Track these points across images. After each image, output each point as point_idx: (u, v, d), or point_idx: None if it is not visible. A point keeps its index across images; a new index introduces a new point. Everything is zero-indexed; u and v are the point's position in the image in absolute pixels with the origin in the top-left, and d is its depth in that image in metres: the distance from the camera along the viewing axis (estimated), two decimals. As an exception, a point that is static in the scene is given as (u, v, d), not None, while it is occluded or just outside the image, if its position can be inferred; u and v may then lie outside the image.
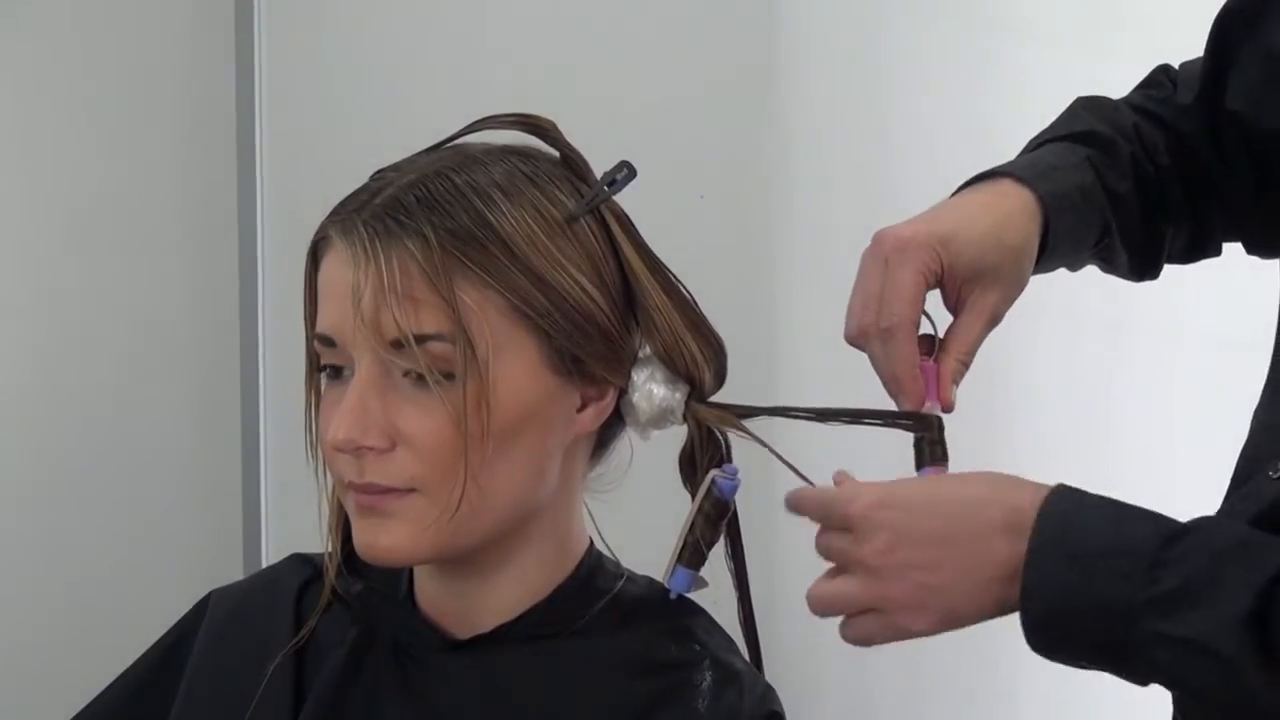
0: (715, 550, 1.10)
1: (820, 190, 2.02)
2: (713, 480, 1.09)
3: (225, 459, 2.15)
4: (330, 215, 1.05)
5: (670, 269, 1.09)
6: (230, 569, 2.08)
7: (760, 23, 2.00)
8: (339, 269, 1.02)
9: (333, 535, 1.13)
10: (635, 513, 1.16)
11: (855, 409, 1.09)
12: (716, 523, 1.09)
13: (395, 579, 1.13)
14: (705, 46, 2.00)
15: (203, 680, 1.14)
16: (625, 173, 1.07)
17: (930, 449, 1.09)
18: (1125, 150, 1.22)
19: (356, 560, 1.11)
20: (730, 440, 1.11)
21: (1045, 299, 1.24)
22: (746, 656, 1.13)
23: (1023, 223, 1.14)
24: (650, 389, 1.08)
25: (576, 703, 1.06)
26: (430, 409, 1.01)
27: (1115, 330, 2.05)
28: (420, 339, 1.00)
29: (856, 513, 1.00)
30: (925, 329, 1.12)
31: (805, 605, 1.02)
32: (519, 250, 1.02)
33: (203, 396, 2.15)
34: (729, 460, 1.11)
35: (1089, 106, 1.26)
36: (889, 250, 1.10)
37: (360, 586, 1.12)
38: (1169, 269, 1.28)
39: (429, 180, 1.03)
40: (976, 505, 0.99)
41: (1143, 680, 0.96)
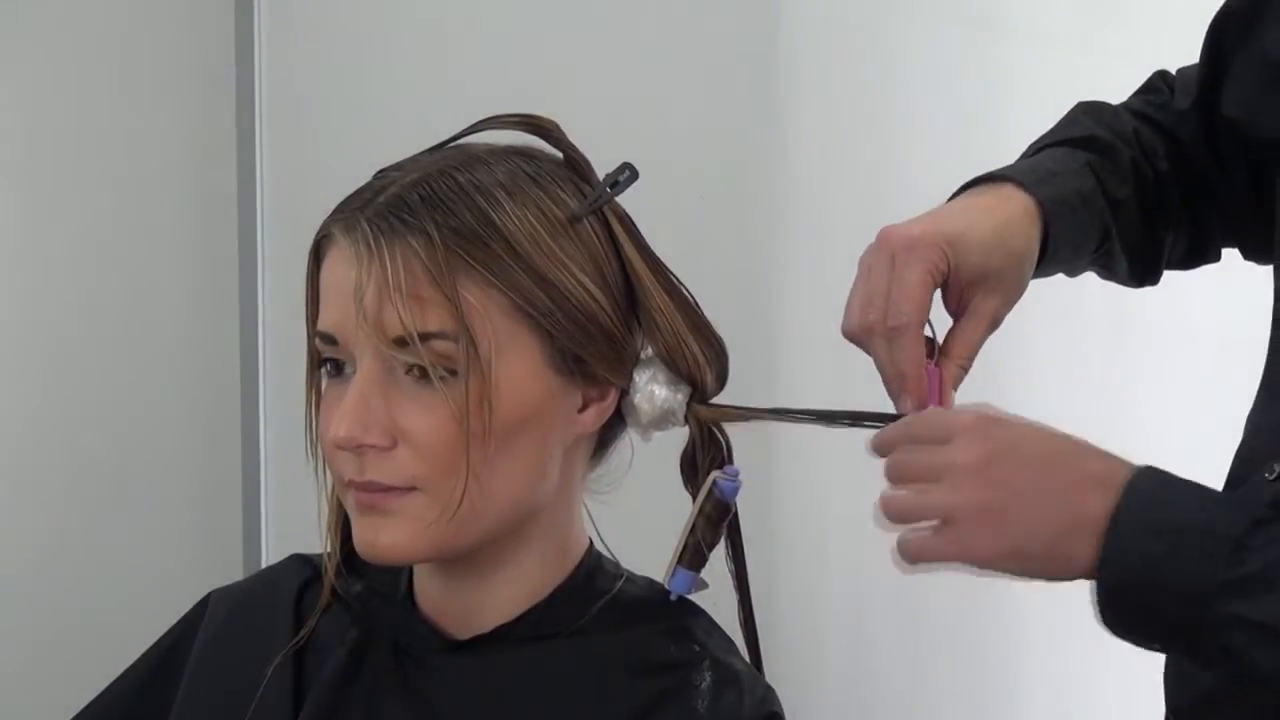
0: (715, 551, 1.10)
1: (820, 190, 2.02)
2: (714, 482, 1.09)
3: (225, 459, 2.15)
4: (333, 213, 1.05)
5: (671, 270, 1.10)
6: (230, 569, 2.08)
7: (760, 22, 2.00)
8: (342, 266, 1.02)
9: (332, 535, 1.13)
10: (635, 514, 1.16)
11: (855, 411, 1.09)
12: (717, 524, 1.09)
13: (395, 579, 1.13)
14: (705, 47, 2.00)
15: (202, 681, 1.13)
16: (628, 174, 1.07)
17: None
18: (1125, 155, 1.22)
19: (356, 560, 1.11)
20: (731, 442, 1.11)
21: (1045, 299, 1.24)
22: (746, 658, 1.13)
23: (1024, 227, 1.14)
24: (652, 390, 1.08)
25: (576, 703, 1.06)
26: (432, 407, 1.01)
27: (1114, 331, 2.05)
28: (423, 337, 1.00)
29: (968, 422, 0.99)
30: (925, 332, 1.12)
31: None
32: (522, 250, 1.02)
33: (203, 396, 2.15)
34: (730, 462, 1.11)
35: (1089, 111, 1.25)
36: (896, 248, 1.09)
37: (360, 586, 1.12)
38: (1168, 271, 1.28)
39: (433, 179, 1.03)
40: (1080, 454, 0.99)
41: (1209, 664, 0.95)
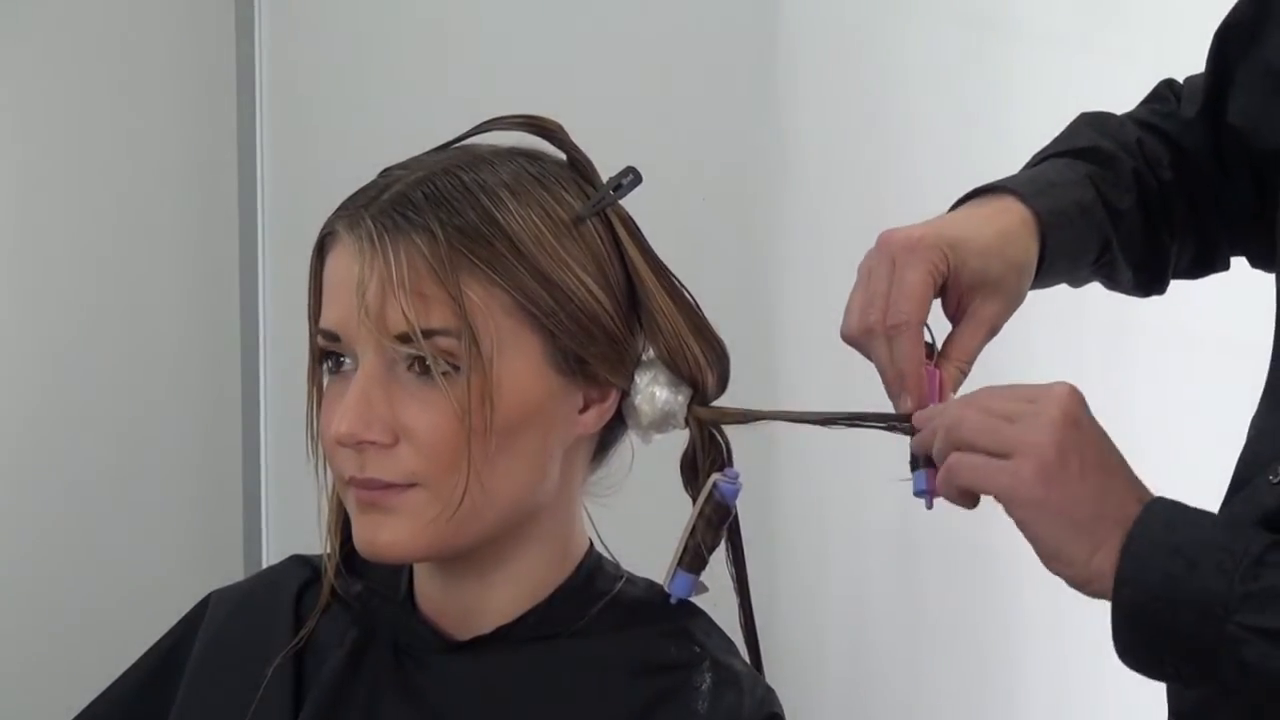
0: (716, 553, 1.10)
1: (820, 191, 2.02)
2: (714, 484, 1.09)
3: (225, 459, 2.15)
4: (337, 210, 1.05)
5: (673, 272, 1.10)
6: (230, 569, 2.08)
7: (760, 23, 2.00)
8: (345, 262, 1.03)
9: (331, 535, 1.13)
10: (636, 516, 1.16)
11: (854, 413, 1.09)
12: (718, 527, 1.09)
13: (395, 580, 1.13)
14: (705, 47, 2.00)
15: (202, 681, 1.13)
16: (631, 178, 1.07)
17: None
18: (1127, 165, 1.22)
19: (356, 560, 1.11)
20: (731, 444, 1.11)
21: (1046, 301, 1.24)
22: (746, 659, 1.12)
23: (1022, 238, 1.14)
24: (653, 392, 1.08)
25: (576, 704, 1.06)
26: (433, 403, 1.01)
27: (1116, 333, 2.05)
28: (425, 333, 1.00)
29: (1067, 388, 1.00)
30: (924, 336, 1.12)
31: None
32: (525, 249, 1.02)
33: (203, 397, 2.16)
34: (730, 464, 1.11)
35: (1092, 122, 1.25)
36: (897, 250, 1.10)
37: (359, 587, 1.12)
38: (1177, 280, 1.28)
39: (437, 178, 1.03)
40: (1130, 468, 1.01)
41: (1226, 684, 0.95)
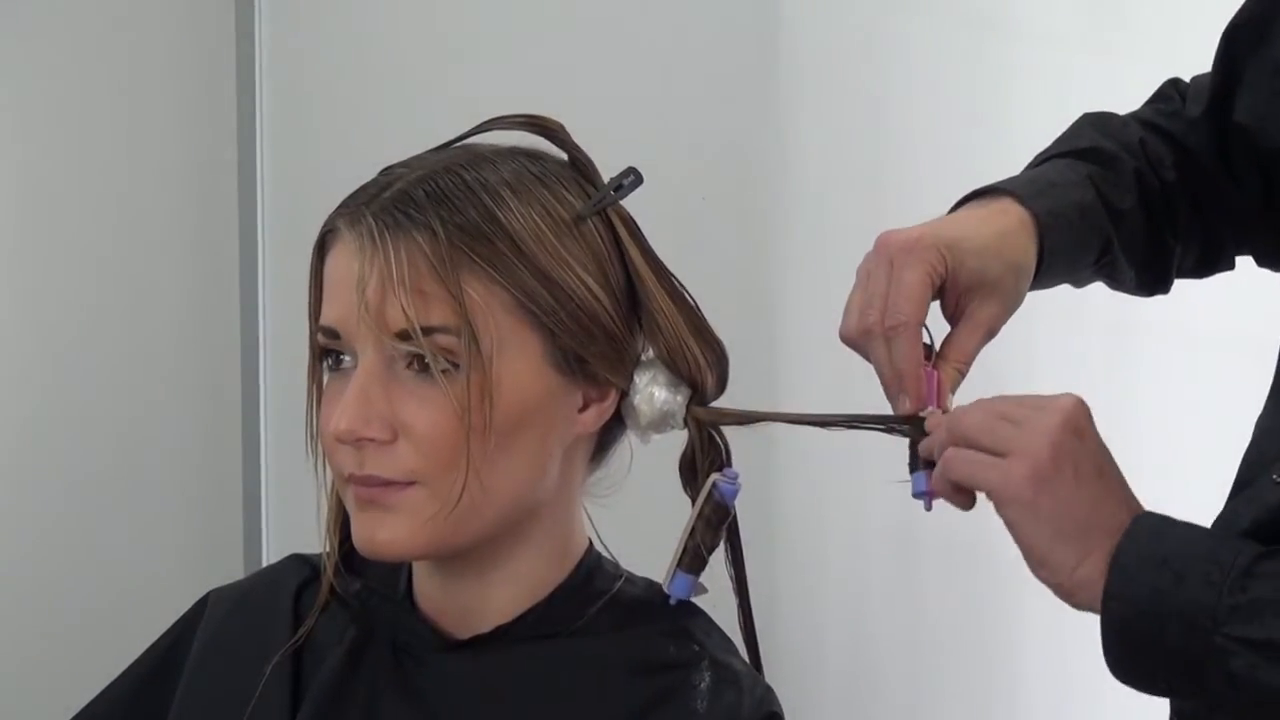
0: (715, 554, 1.10)
1: (820, 191, 2.01)
2: (714, 484, 1.09)
3: (225, 459, 2.15)
4: (338, 208, 1.05)
5: (674, 273, 1.10)
6: (230, 569, 2.08)
7: (760, 23, 2.00)
8: (345, 260, 1.03)
9: (330, 534, 1.13)
10: (635, 517, 1.16)
11: (853, 414, 1.09)
12: (717, 527, 1.09)
13: (394, 579, 1.13)
14: (706, 48, 2.00)
15: (201, 680, 1.14)
16: (632, 178, 1.08)
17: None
18: (1129, 166, 1.22)
19: (355, 560, 1.11)
20: (731, 445, 1.11)
21: (1048, 300, 1.24)
22: (746, 659, 1.12)
23: (1021, 240, 1.14)
24: (652, 392, 1.08)
25: (575, 703, 1.06)
26: (433, 401, 1.01)
27: (1117, 332, 2.05)
28: (425, 331, 1.00)
29: (1073, 400, 0.99)
30: (922, 337, 1.11)
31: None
32: (526, 248, 1.02)
33: (203, 396, 2.16)
34: (729, 465, 1.11)
35: (1094, 122, 1.25)
36: (895, 251, 1.10)
37: (358, 586, 1.12)
38: (1181, 279, 1.28)
39: (438, 176, 1.04)
40: (1125, 482, 1.00)
41: (1216, 698, 0.95)
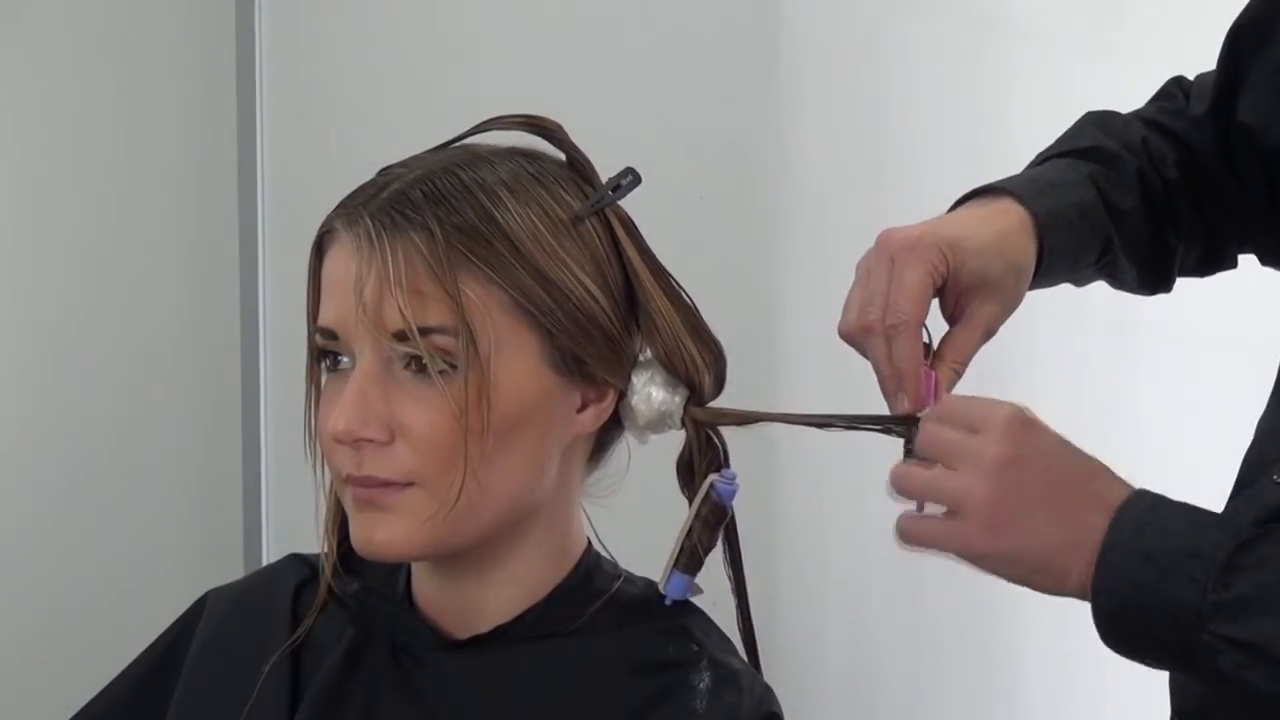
0: (714, 554, 1.09)
1: (820, 190, 2.01)
2: (711, 485, 1.08)
3: (225, 459, 2.15)
4: (336, 209, 1.05)
5: (671, 273, 1.09)
6: (230, 569, 2.08)
7: (761, 23, 2.00)
8: (343, 260, 1.03)
9: (329, 534, 1.13)
10: (634, 517, 1.15)
11: (850, 415, 1.09)
12: (714, 528, 1.09)
13: (393, 579, 1.13)
14: (706, 47, 2.00)
15: (200, 680, 1.13)
16: (630, 179, 1.08)
17: None
18: (1131, 165, 1.21)
19: (354, 560, 1.11)
20: (730, 444, 1.10)
21: (1049, 299, 1.24)
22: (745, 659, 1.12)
23: (1021, 240, 1.14)
24: (649, 392, 1.08)
25: (574, 703, 1.06)
26: (430, 402, 1.01)
27: (1118, 331, 2.05)
28: (422, 331, 1.00)
29: (1004, 417, 1.00)
30: (922, 337, 1.11)
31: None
32: (524, 248, 1.02)
33: (203, 396, 2.15)
34: (727, 465, 1.11)
35: (1096, 121, 1.25)
36: (896, 249, 1.09)
37: (357, 585, 1.12)
38: (1184, 278, 1.28)
39: (436, 176, 1.03)
40: (1091, 473, 1.00)
41: (1212, 683, 0.95)
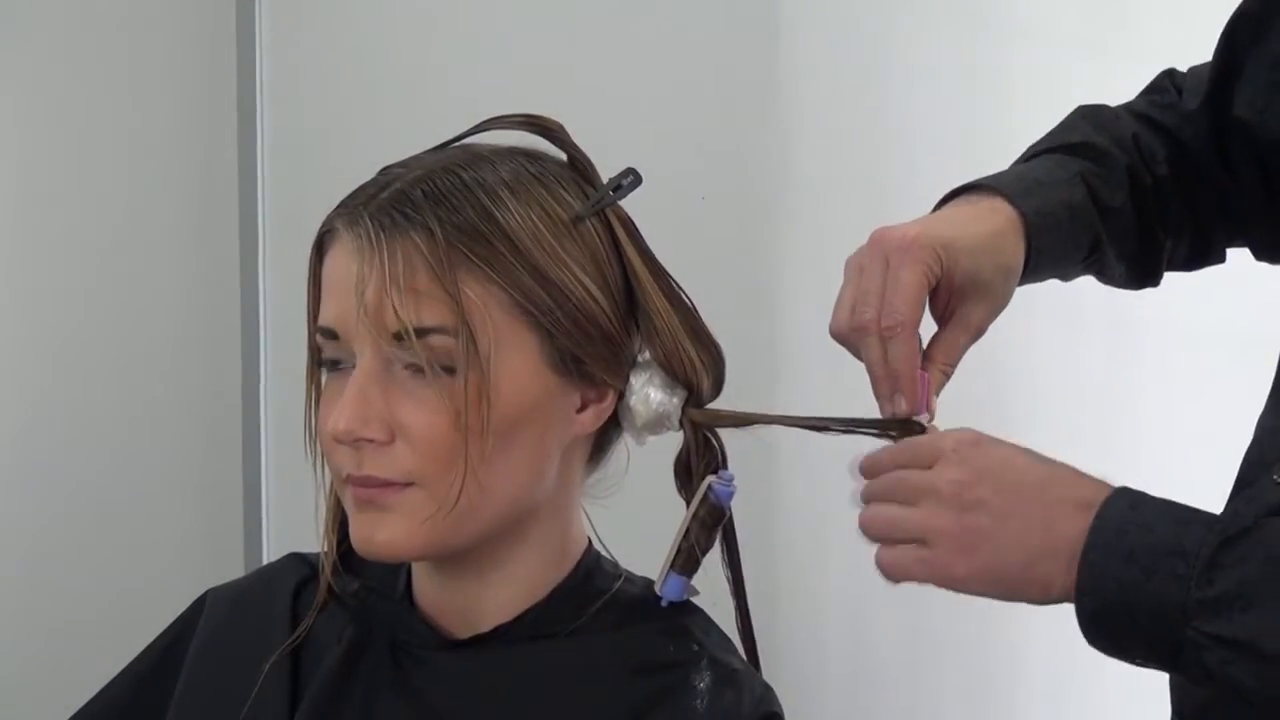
0: (714, 555, 1.09)
1: (820, 191, 2.01)
2: (709, 486, 1.09)
3: (225, 459, 2.15)
4: (336, 208, 1.05)
5: (672, 275, 1.09)
6: (230, 569, 2.08)
7: (761, 23, 2.00)
8: (343, 261, 1.03)
9: (329, 533, 1.13)
10: (634, 517, 1.15)
11: (848, 418, 1.09)
12: (711, 529, 1.09)
13: (393, 578, 1.13)
14: (706, 48, 2.00)
15: (200, 679, 1.14)
16: (631, 179, 1.08)
17: None
18: (1121, 162, 1.21)
19: (353, 559, 1.11)
20: (729, 446, 1.10)
21: (1047, 298, 1.24)
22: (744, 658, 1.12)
23: (1011, 240, 1.14)
24: (648, 393, 1.08)
25: (575, 702, 1.06)
26: (429, 402, 1.01)
27: (1117, 330, 2.05)
28: (422, 331, 1.00)
29: (949, 445, 1.01)
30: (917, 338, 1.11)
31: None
32: (524, 248, 1.02)
33: (203, 396, 2.15)
34: (725, 467, 1.11)
35: (1087, 116, 1.24)
36: (891, 249, 1.09)
37: (357, 585, 1.12)
38: (1171, 273, 1.28)
39: (436, 176, 1.03)
40: (1059, 479, 1.00)
41: (1198, 681, 0.96)
